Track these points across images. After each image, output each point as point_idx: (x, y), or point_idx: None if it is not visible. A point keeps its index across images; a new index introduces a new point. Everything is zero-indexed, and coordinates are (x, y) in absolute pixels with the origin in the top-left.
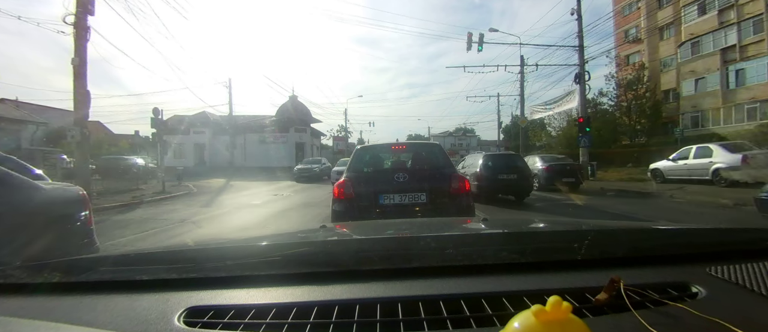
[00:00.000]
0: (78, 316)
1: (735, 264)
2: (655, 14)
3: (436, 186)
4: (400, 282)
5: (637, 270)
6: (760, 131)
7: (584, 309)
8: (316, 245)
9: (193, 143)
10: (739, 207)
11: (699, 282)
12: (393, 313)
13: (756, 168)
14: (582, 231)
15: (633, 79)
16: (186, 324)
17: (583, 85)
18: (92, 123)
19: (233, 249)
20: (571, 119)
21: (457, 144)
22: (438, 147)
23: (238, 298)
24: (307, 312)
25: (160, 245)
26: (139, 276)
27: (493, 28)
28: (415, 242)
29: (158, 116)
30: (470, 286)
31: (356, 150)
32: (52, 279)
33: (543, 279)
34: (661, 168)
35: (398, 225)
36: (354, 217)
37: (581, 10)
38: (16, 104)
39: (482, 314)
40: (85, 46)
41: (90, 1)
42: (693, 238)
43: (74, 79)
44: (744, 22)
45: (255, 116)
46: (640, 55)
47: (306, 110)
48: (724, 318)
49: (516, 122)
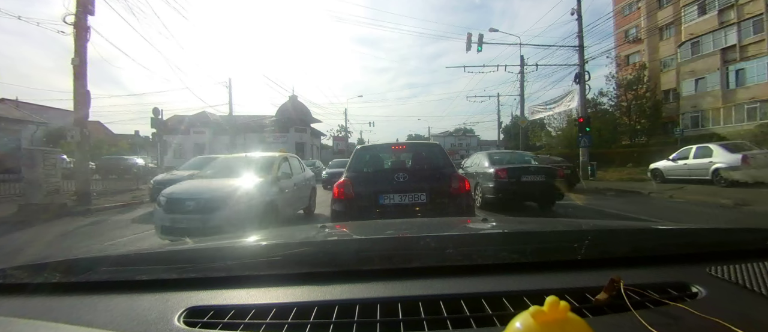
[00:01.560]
0: (78, 316)
1: (735, 264)
2: (655, 14)
3: (436, 186)
4: (400, 282)
5: (637, 270)
6: (760, 131)
7: (584, 309)
8: (316, 245)
9: (193, 143)
10: (739, 207)
11: (699, 282)
12: (393, 313)
13: (756, 168)
14: (582, 231)
15: (633, 79)
16: (186, 324)
17: (583, 85)
18: (92, 123)
19: (233, 249)
20: (571, 119)
21: (457, 144)
22: (438, 147)
23: (238, 298)
24: (307, 312)
25: (160, 245)
26: (139, 276)
27: (493, 29)
28: (415, 242)
29: (158, 116)
30: (470, 286)
31: (356, 150)
32: (52, 279)
33: (543, 279)
34: (661, 168)
35: (398, 225)
36: (354, 217)
37: (581, 10)
38: (16, 104)
39: (482, 314)
40: (85, 46)
41: (90, 1)
42: (693, 238)
43: (74, 80)
44: (744, 22)
45: (255, 116)
46: (640, 55)
47: (306, 110)
48: (724, 318)
49: (516, 122)
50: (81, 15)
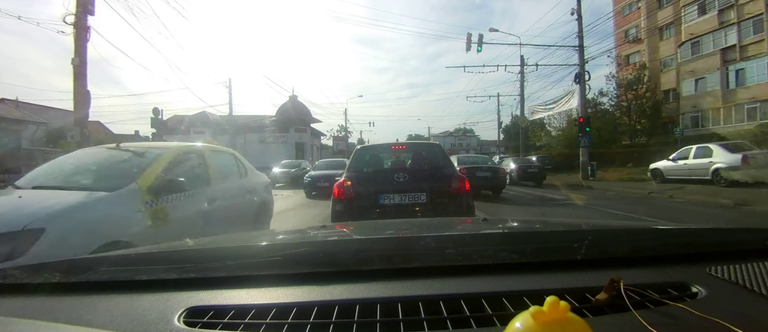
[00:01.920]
0: (78, 316)
1: (735, 264)
2: (655, 14)
3: (436, 186)
4: (400, 282)
5: (637, 270)
6: (761, 131)
7: (584, 309)
8: (316, 245)
9: None
10: (739, 207)
11: (699, 282)
12: (393, 313)
13: (756, 168)
14: (582, 231)
15: (633, 79)
16: (186, 324)
17: (583, 85)
18: (92, 123)
19: (233, 249)
20: (571, 119)
21: (457, 144)
22: (438, 147)
23: (238, 298)
24: (307, 312)
25: (160, 245)
26: (139, 276)
27: (493, 29)
28: (415, 242)
29: (158, 116)
30: (470, 286)
31: (356, 150)
32: (52, 279)
33: (543, 279)
34: (661, 168)
35: (398, 225)
36: (354, 217)
37: (581, 10)
38: (16, 104)
39: (482, 314)
40: (85, 46)
41: (90, 1)
42: (693, 238)
43: (74, 80)
44: (744, 22)
45: (255, 116)
46: (640, 55)
47: (306, 110)
48: (724, 318)
49: (516, 122)
50: (81, 15)
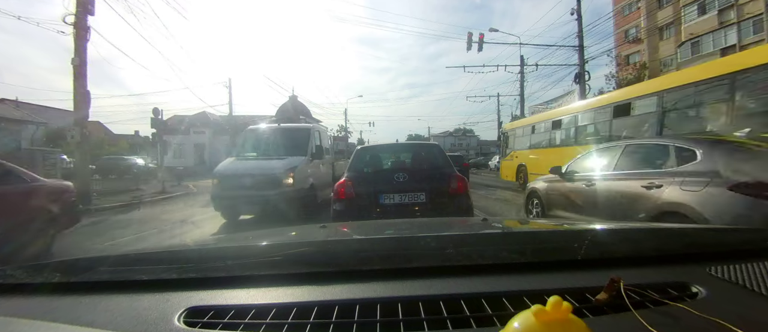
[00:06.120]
0: (78, 316)
1: (735, 264)
2: (655, 14)
3: (436, 186)
4: (400, 282)
5: (637, 270)
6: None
7: (584, 309)
8: (316, 245)
9: (193, 143)
10: None
11: (699, 282)
12: (393, 313)
13: None
14: (582, 231)
15: (633, 79)
16: (186, 324)
17: (583, 85)
18: (92, 123)
19: (233, 249)
20: None
21: (457, 144)
22: (437, 147)
23: (238, 298)
24: (307, 312)
25: (160, 245)
26: (139, 276)
27: (494, 28)
28: (415, 242)
29: (158, 116)
30: (470, 286)
31: (356, 150)
32: (52, 279)
33: (543, 279)
34: None
35: (398, 225)
36: (354, 217)
37: (581, 10)
38: (16, 104)
39: (482, 314)
40: (85, 46)
41: (90, 1)
42: (693, 238)
43: (74, 79)
44: (744, 22)
45: (255, 116)
46: (640, 55)
47: (306, 110)
48: (724, 318)
49: None
50: (81, 15)
